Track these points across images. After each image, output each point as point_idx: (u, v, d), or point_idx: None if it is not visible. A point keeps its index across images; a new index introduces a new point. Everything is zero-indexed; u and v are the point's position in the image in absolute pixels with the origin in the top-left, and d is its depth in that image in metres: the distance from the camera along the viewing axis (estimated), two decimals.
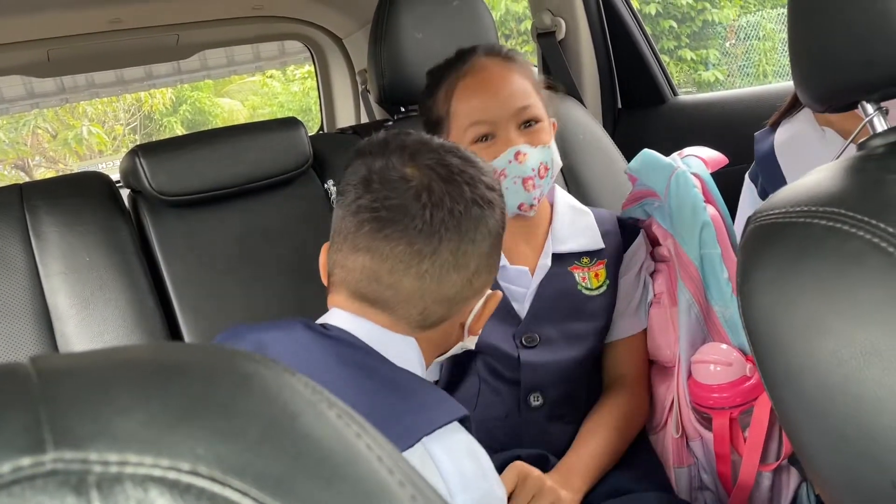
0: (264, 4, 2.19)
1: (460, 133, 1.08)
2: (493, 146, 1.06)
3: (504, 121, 1.06)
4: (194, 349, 0.29)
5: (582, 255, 1.12)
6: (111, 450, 0.23)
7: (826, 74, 0.61)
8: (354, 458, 0.26)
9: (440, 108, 1.11)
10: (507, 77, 1.09)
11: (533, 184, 1.05)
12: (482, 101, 1.07)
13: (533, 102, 1.09)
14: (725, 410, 0.92)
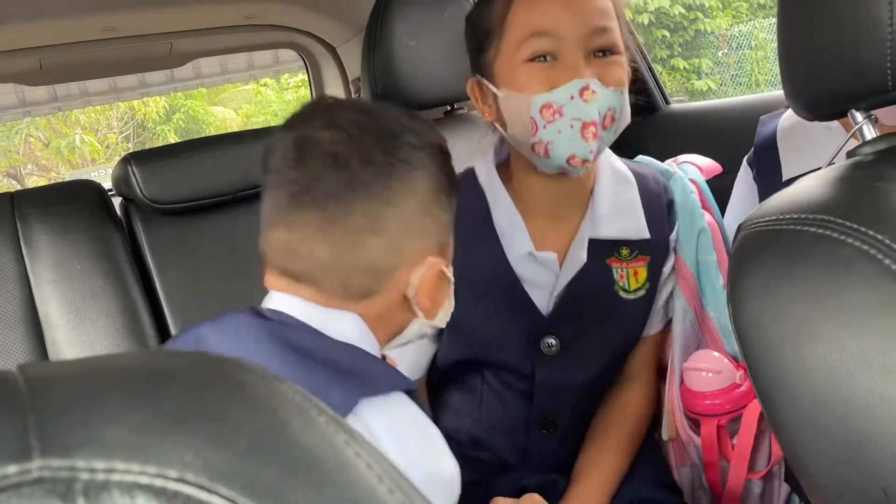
0: (258, 13, 2.19)
1: (513, 47, 0.86)
2: (552, 69, 0.85)
3: (573, 40, 0.84)
4: (183, 356, 0.29)
5: (622, 245, 0.95)
6: (98, 457, 0.23)
7: (815, 83, 0.61)
8: (343, 465, 0.26)
9: (494, 16, 0.89)
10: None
11: (594, 132, 0.84)
12: (550, 8, 0.85)
13: (612, 27, 0.87)
14: (714, 417, 0.92)
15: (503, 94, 0.88)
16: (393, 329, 0.75)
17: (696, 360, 0.94)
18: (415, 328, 0.75)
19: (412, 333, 0.76)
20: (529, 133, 0.86)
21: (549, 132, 0.84)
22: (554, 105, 0.83)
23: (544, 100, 0.83)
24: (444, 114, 1.58)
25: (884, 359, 0.48)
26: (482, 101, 0.94)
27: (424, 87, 1.44)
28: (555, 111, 0.83)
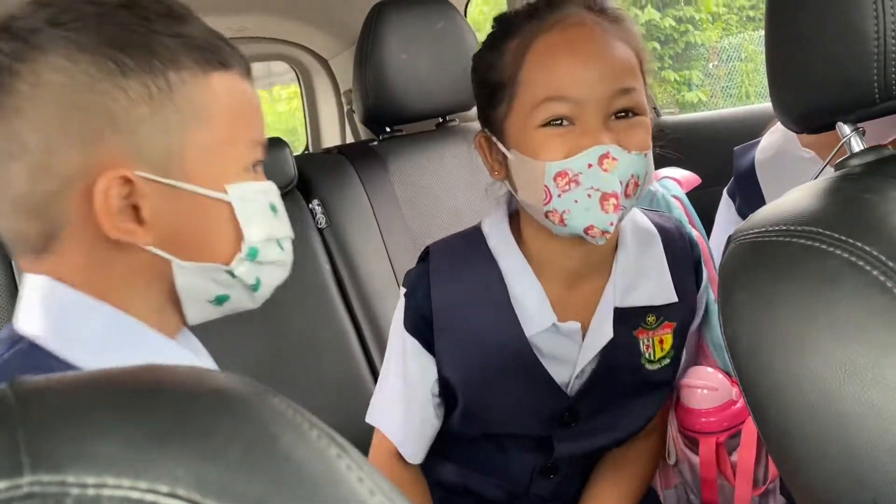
0: (250, 25, 2.19)
1: (526, 110, 0.77)
2: (569, 134, 0.75)
3: (593, 104, 0.75)
4: (174, 370, 0.29)
5: (648, 312, 0.87)
6: (89, 472, 0.23)
7: (803, 96, 0.62)
8: (335, 478, 0.26)
9: (506, 68, 0.79)
10: (608, 44, 0.77)
11: (616, 204, 0.75)
12: (567, 69, 0.75)
13: (637, 86, 0.78)
14: (712, 435, 0.91)
15: (514, 157, 0.80)
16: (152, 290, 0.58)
17: (693, 378, 0.93)
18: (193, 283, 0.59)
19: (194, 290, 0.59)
20: (542, 201, 0.77)
21: (564, 201, 0.76)
22: (570, 173, 0.75)
23: (559, 167, 0.75)
24: (436, 126, 1.58)
25: (873, 369, 0.48)
26: (491, 157, 0.85)
27: (416, 100, 1.45)
28: (570, 179, 0.75)
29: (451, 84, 1.48)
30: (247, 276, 0.61)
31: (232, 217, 0.60)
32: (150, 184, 0.55)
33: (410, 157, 1.47)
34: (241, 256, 0.60)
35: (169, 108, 0.55)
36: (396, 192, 1.42)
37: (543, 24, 0.78)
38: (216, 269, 0.60)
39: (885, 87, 0.56)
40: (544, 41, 0.77)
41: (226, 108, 0.59)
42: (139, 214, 0.55)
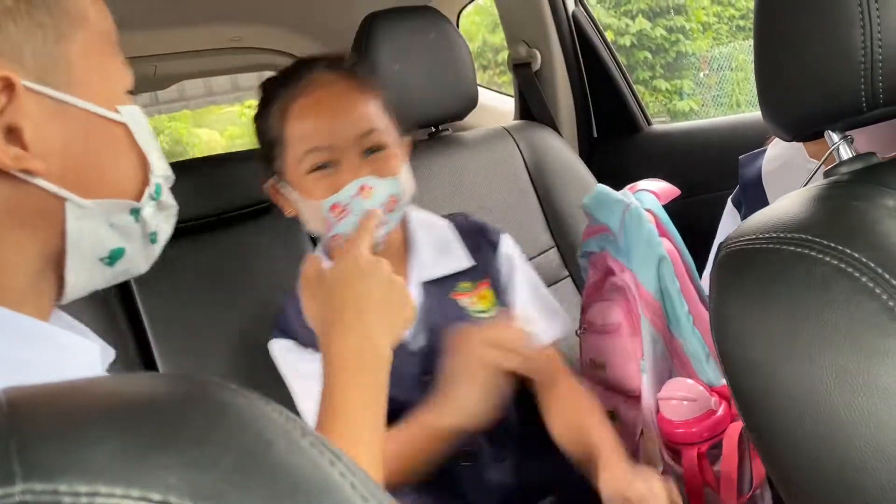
0: (243, 36, 2.20)
1: (295, 161, 0.94)
2: (334, 175, 0.93)
3: (346, 147, 0.93)
4: (167, 379, 0.29)
5: (458, 280, 1.03)
6: (81, 481, 0.23)
7: (791, 105, 0.63)
8: (328, 486, 0.26)
9: (273, 129, 0.97)
10: (349, 95, 0.95)
11: (379, 221, 0.92)
12: (319, 124, 0.93)
13: (379, 126, 0.96)
14: (693, 446, 0.91)
15: (298, 198, 0.97)
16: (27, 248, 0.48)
17: (671, 390, 0.93)
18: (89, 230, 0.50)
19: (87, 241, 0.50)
20: (326, 230, 0.95)
21: (342, 226, 0.93)
22: (341, 204, 0.92)
23: (332, 202, 0.92)
24: (428, 135, 1.59)
25: (863, 375, 0.49)
26: (281, 199, 1.01)
27: (408, 110, 1.45)
28: (342, 209, 0.92)
29: (444, 94, 1.48)
30: (152, 220, 0.55)
31: (131, 142, 0.53)
32: (31, 97, 0.46)
33: None
34: (149, 191, 0.54)
35: (39, 8, 0.48)
36: None
37: (295, 89, 0.95)
38: (122, 208, 0.52)
39: (872, 96, 0.56)
40: (298, 104, 0.94)
41: (95, 16, 0.53)
42: (20, 138, 0.46)
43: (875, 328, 0.48)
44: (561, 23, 1.76)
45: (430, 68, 1.45)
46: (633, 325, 1.06)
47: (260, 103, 1.00)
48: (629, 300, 1.07)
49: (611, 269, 1.12)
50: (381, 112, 0.98)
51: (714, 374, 0.96)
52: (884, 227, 0.52)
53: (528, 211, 1.51)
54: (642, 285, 1.01)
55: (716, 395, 0.93)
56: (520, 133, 1.60)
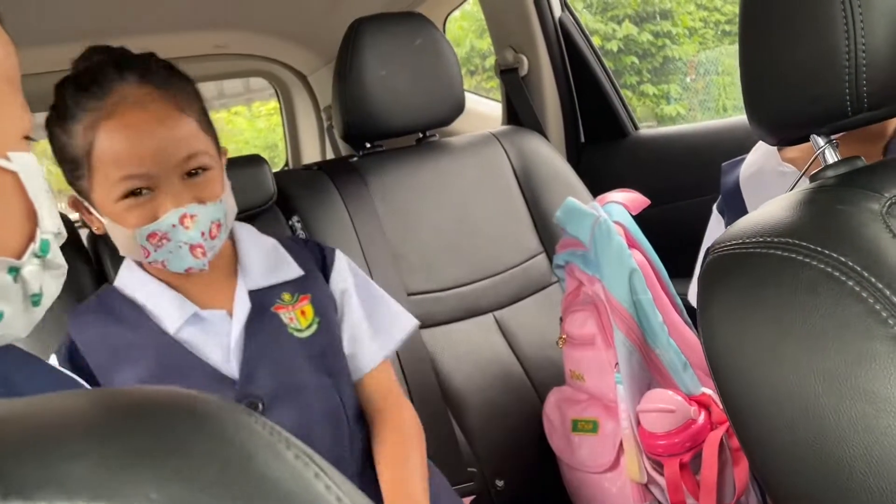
0: (228, 42, 2.19)
1: (106, 186, 0.84)
2: (150, 203, 0.85)
3: (165, 173, 0.84)
4: (147, 391, 0.29)
5: (282, 291, 0.97)
6: (61, 496, 0.22)
7: (776, 109, 0.63)
8: (313, 498, 0.26)
9: (78, 149, 0.85)
10: (167, 117, 0.86)
11: (203, 251, 0.87)
12: (134, 150, 0.83)
13: (200, 148, 0.87)
14: (675, 457, 0.91)
15: (108, 223, 0.88)
16: None
17: (650, 402, 0.93)
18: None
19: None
20: (143, 256, 0.88)
21: (161, 253, 0.86)
22: (159, 233, 0.85)
23: (149, 230, 0.85)
24: (415, 141, 1.59)
25: (850, 380, 0.49)
26: (88, 216, 0.91)
27: (395, 116, 1.45)
28: (161, 237, 0.85)
29: (431, 100, 1.48)
30: (32, 281, 0.48)
31: (19, 193, 0.48)
32: None
33: (390, 172, 1.47)
34: (34, 248, 0.48)
35: None
36: (377, 208, 1.42)
37: (102, 106, 0.83)
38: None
39: (857, 100, 0.56)
40: (107, 126, 0.83)
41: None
42: None
43: (861, 332, 0.48)
44: (548, 28, 1.76)
45: (416, 74, 1.45)
46: (606, 336, 1.06)
47: (57, 109, 0.87)
48: (601, 312, 1.07)
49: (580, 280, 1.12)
50: (200, 131, 0.89)
51: (692, 383, 0.97)
52: (869, 231, 0.52)
53: (516, 216, 1.51)
54: (614, 297, 1.01)
55: (695, 404, 0.93)
56: (507, 138, 1.60)
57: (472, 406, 1.31)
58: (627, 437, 1.01)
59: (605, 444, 1.06)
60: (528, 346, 1.38)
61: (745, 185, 1.09)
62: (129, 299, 0.94)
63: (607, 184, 1.71)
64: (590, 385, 1.11)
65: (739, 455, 0.91)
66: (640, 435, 0.96)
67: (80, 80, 0.86)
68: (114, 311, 0.93)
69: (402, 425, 0.99)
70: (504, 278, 1.44)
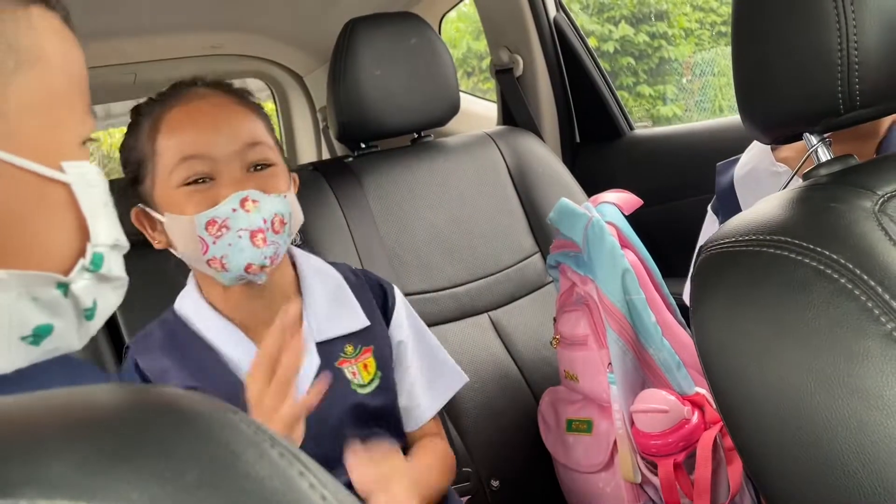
0: (224, 43, 2.19)
1: (167, 172, 0.84)
2: (211, 189, 0.83)
3: (226, 158, 0.83)
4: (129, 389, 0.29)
5: (346, 343, 0.93)
6: (42, 495, 0.22)
7: (770, 108, 0.63)
8: (298, 497, 0.25)
9: (143, 146, 0.86)
10: (231, 109, 0.87)
11: (264, 238, 0.82)
12: (197, 133, 0.84)
13: (265, 141, 0.87)
14: (669, 457, 0.91)
15: (167, 219, 0.85)
16: None
17: (644, 402, 0.93)
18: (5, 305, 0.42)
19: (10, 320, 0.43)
20: (200, 251, 0.83)
21: (219, 247, 0.82)
22: (218, 220, 0.81)
23: (208, 216, 0.81)
24: (411, 142, 1.58)
25: (843, 378, 0.49)
26: (150, 229, 0.90)
27: (390, 116, 1.45)
28: (220, 226, 0.81)
29: (426, 100, 1.48)
30: (84, 296, 0.46)
31: (72, 206, 0.46)
32: None
33: (385, 172, 1.46)
34: (84, 263, 0.46)
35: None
36: (371, 208, 1.41)
37: (169, 104, 0.86)
38: (45, 282, 0.44)
39: (850, 98, 0.56)
40: (172, 115, 0.85)
41: (55, 54, 0.46)
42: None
43: (854, 330, 0.48)
44: (543, 28, 1.76)
45: (411, 74, 1.45)
46: (598, 337, 1.06)
47: (128, 129, 0.89)
48: (594, 312, 1.07)
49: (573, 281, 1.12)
50: (267, 133, 0.89)
51: (686, 383, 0.97)
52: (861, 229, 0.52)
53: (512, 216, 1.51)
54: (607, 297, 1.01)
55: (688, 403, 0.93)
56: (502, 138, 1.60)
57: (468, 406, 1.31)
58: (621, 437, 1.00)
59: (600, 444, 1.06)
60: (524, 346, 1.38)
61: (740, 185, 1.10)
62: (192, 330, 0.91)
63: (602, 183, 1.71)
64: (584, 385, 1.11)
65: (733, 455, 0.92)
66: (633, 435, 0.96)
67: (158, 95, 0.89)
68: (178, 343, 0.90)
69: (437, 449, 0.98)
70: (499, 278, 1.44)
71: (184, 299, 0.94)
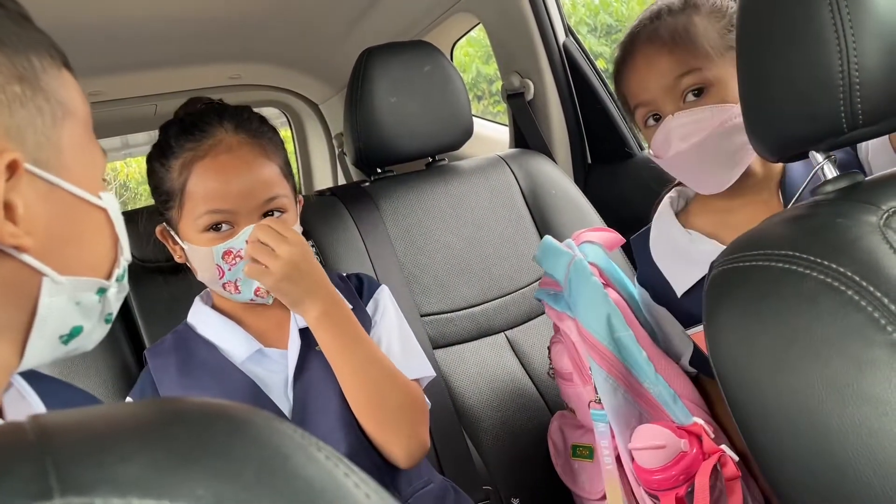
0: (242, 74, 2.24)
1: (192, 217, 0.95)
2: (229, 234, 0.95)
3: (247, 212, 0.95)
4: (188, 401, 0.31)
5: None
6: (115, 493, 0.24)
7: (776, 127, 0.65)
8: (345, 496, 0.28)
9: (173, 182, 0.96)
10: (254, 163, 0.96)
11: None
12: (222, 188, 0.94)
13: (280, 192, 0.97)
14: (671, 491, 0.91)
15: (189, 248, 0.97)
16: None
17: (640, 439, 0.92)
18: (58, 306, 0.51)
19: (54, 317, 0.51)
20: (217, 277, 0.96)
21: (234, 272, 0.95)
22: (234, 250, 0.94)
23: (225, 247, 0.94)
24: (425, 166, 1.61)
25: (852, 386, 0.50)
26: (172, 244, 1.02)
27: (406, 141, 1.48)
28: (235, 255, 0.94)
29: (440, 125, 1.51)
30: (112, 300, 0.57)
31: (108, 226, 0.56)
32: (27, 178, 0.49)
33: (401, 196, 1.49)
34: (118, 272, 0.57)
35: (39, 94, 0.50)
36: (388, 231, 1.44)
37: (200, 149, 0.95)
38: (91, 286, 0.54)
39: (852, 117, 0.58)
40: (202, 165, 0.94)
41: (81, 105, 0.56)
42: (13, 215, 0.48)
43: (862, 339, 0.50)
44: (552, 53, 1.79)
45: (425, 100, 1.48)
46: (581, 372, 1.07)
47: (160, 146, 0.98)
48: (570, 348, 1.07)
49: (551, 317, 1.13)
50: (282, 177, 0.99)
51: (682, 414, 0.97)
52: (867, 243, 0.54)
53: (526, 237, 1.53)
54: (593, 336, 1.01)
55: (686, 435, 0.93)
56: (515, 161, 1.63)
57: (486, 425, 1.32)
58: (609, 473, 1.00)
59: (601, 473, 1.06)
60: (541, 365, 1.40)
61: (658, 257, 1.09)
62: (202, 337, 1.01)
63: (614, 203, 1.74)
64: (580, 418, 1.12)
65: (734, 485, 0.92)
66: (636, 471, 0.95)
67: (185, 123, 0.97)
68: (189, 348, 1.00)
69: None
70: (515, 298, 1.46)
71: (193, 311, 1.06)
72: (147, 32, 1.74)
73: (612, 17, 7.51)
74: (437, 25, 2.01)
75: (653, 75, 0.99)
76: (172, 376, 0.97)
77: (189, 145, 0.95)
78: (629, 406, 1.00)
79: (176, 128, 0.97)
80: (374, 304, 1.10)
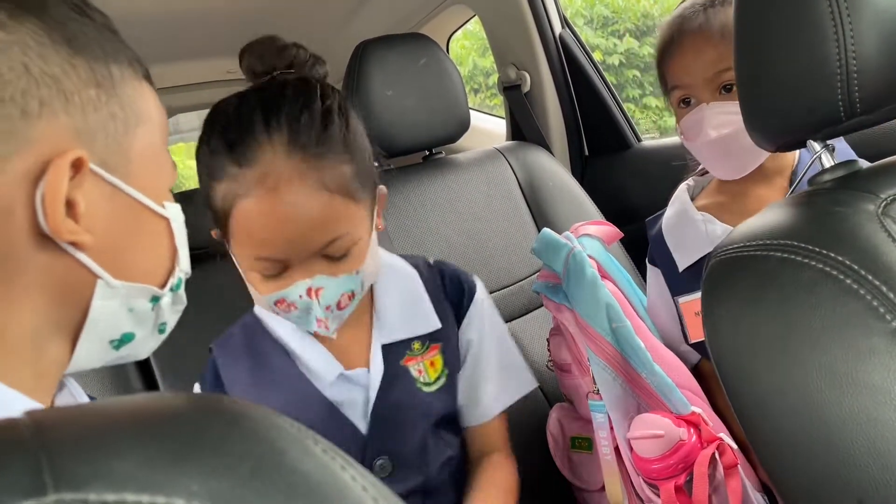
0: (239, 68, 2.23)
1: (239, 249, 0.82)
2: (283, 278, 0.82)
3: (299, 258, 0.80)
4: (182, 396, 0.31)
5: (414, 341, 0.94)
6: (109, 489, 0.24)
7: (773, 117, 0.64)
8: (342, 489, 0.27)
9: (217, 203, 0.81)
10: (308, 203, 0.77)
11: (326, 324, 0.84)
12: (269, 237, 0.78)
13: (341, 231, 0.80)
14: (669, 480, 0.92)
15: (243, 272, 0.87)
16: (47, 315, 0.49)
17: (638, 428, 0.93)
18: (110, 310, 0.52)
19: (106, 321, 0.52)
20: (273, 314, 0.89)
21: (290, 316, 0.86)
22: (287, 300, 0.83)
23: (277, 297, 0.83)
24: (422, 159, 1.61)
25: (851, 374, 0.50)
26: None
27: (402, 134, 1.47)
28: (289, 304, 0.83)
29: (436, 118, 1.51)
30: (166, 310, 0.57)
31: (168, 236, 0.57)
32: (92, 178, 0.49)
33: (398, 189, 1.49)
34: (173, 282, 0.57)
35: (114, 101, 0.52)
36: (386, 224, 1.44)
37: (242, 182, 0.77)
38: (145, 294, 0.54)
39: (850, 106, 0.58)
40: (245, 204, 0.77)
41: (158, 117, 0.57)
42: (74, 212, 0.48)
43: (860, 328, 0.50)
44: (548, 45, 1.79)
45: (422, 93, 1.48)
46: (580, 364, 1.07)
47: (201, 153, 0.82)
48: (569, 340, 1.08)
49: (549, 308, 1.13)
50: (348, 205, 0.81)
51: (681, 404, 0.97)
52: (865, 231, 0.54)
53: (523, 230, 1.53)
54: (592, 327, 1.01)
55: (684, 424, 0.93)
56: (512, 153, 1.62)
57: None
58: (608, 464, 1.01)
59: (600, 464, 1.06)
60: (540, 358, 1.40)
61: (668, 234, 1.15)
62: (269, 333, 0.94)
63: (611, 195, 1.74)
64: (579, 409, 1.12)
65: (733, 472, 0.92)
66: (634, 460, 0.96)
67: (228, 131, 0.79)
68: (257, 349, 0.94)
69: (501, 482, 0.97)
70: (513, 290, 1.46)
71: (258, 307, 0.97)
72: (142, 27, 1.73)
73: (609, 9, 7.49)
74: (433, 18, 2.01)
75: (699, 64, 1.02)
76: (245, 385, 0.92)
77: (230, 170, 0.77)
78: (627, 397, 1.00)
79: (219, 132, 0.80)
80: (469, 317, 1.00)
